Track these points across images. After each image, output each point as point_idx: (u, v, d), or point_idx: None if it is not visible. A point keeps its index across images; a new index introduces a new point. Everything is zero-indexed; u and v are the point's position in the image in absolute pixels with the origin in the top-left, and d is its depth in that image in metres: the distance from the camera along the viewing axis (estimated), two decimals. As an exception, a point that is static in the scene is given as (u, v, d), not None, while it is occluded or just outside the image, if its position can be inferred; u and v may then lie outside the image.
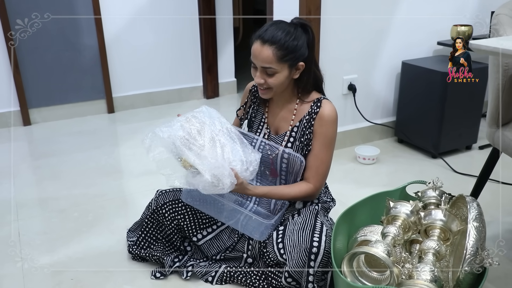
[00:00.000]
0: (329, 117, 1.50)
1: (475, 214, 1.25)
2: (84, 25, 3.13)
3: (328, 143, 1.52)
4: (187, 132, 1.40)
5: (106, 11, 3.15)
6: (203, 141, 1.40)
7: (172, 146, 1.38)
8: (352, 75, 2.54)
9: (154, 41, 3.40)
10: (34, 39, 2.99)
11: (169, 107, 3.51)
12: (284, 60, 1.41)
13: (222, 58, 3.69)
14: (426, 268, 1.19)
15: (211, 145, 1.40)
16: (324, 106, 1.50)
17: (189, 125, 1.42)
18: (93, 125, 3.17)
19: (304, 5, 2.24)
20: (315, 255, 1.37)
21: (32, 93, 3.10)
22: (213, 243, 1.64)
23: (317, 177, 1.53)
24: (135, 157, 2.64)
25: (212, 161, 1.36)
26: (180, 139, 1.37)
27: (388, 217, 1.40)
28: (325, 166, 1.54)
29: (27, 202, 2.14)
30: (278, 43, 1.39)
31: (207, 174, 1.33)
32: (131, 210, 2.04)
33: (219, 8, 3.53)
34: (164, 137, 1.38)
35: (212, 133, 1.43)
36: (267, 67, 1.41)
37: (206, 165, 1.35)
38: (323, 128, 1.50)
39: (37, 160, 2.63)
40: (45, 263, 1.70)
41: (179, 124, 1.42)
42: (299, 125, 1.54)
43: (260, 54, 1.40)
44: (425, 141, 2.56)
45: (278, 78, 1.43)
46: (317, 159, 1.52)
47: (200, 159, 1.36)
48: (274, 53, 1.39)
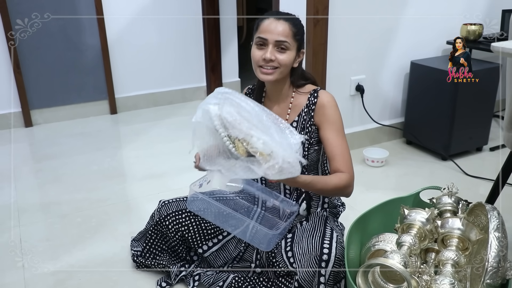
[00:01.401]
0: (330, 103, 1.44)
1: (496, 224, 1.19)
2: (86, 25, 3.08)
3: (339, 128, 1.44)
4: (234, 109, 1.19)
5: (108, 10, 3.10)
6: (253, 120, 1.20)
7: (220, 127, 1.17)
8: (360, 75, 2.49)
9: (157, 41, 3.35)
10: (35, 39, 2.94)
11: (173, 107, 3.46)
12: (296, 39, 1.40)
13: (226, 57, 3.64)
14: (445, 281, 1.14)
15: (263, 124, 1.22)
16: (321, 96, 1.45)
17: (231, 105, 1.20)
18: (95, 126, 3.12)
19: (311, 4, 2.18)
20: (326, 262, 1.32)
21: (33, 94, 3.05)
22: (219, 254, 1.59)
23: (346, 163, 1.41)
24: (138, 159, 2.60)
25: (282, 142, 1.19)
26: (234, 115, 1.17)
27: (403, 225, 1.35)
28: (347, 151, 1.44)
29: (29, 207, 2.09)
30: (292, 21, 1.40)
31: (280, 158, 1.15)
32: (135, 216, 1.99)
33: (223, 8, 3.48)
34: (213, 114, 1.16)
35: (253, 110, 1.24)
36: (283, 40, 1.37)
37: (280, 147, 1.16)
38: (328, 115, 1.43)
39: (39, 162, 2.58)
40: (48, 271, 1.65)
41: (216, 100, 1.20)
42: (298, 119, 1.48)
43: (276, 27, 1.37)
44: (434, 142, 2.51)
45: (289, 56, 1.39)
46: (337, 147, 1.42)
47: (268, 135, 1.17)
48: (290, 28, 1.38)
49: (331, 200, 1.60)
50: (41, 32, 2.94)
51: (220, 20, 3.48)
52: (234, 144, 1.17)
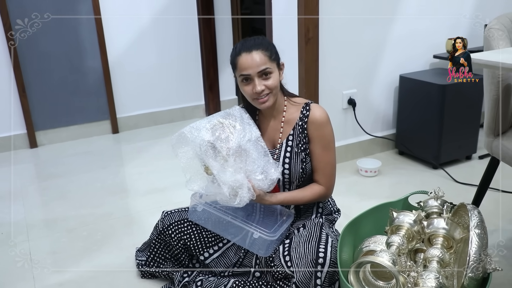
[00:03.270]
0: (322, 119, 1.54)
1: (477, 221, 1.28)
2: (88, 48, 3.21)
3: (327, 144, 1.56)
4: (216, 137, 1.42)
5: (109, 33, 3.23)
6: (229, 150, 1.42)
7: (197, 149, 1.41)
8: (352, 89, 2.60)
9: (156, 62, 3.47)
10: (40, 63, 3.06)
11: (173, 125, 3.57)
12: (273, 59, 1.49)
13: (223, 76, 3.76)
14: (431, 276, 1.22)
15: (237, 154, 1.42)
16: (313, 110, 1.55)
17: (219, 131, 1.44)
18: (98, 146, 3.22)
19: (302, 24, 2.31)
20: (322, 265, 1.40)
21: (38, 116, 3.16)
22: (220, 260, 1.67)
23: (325, 178, 1.58)
24: (140, 176, 2.69)
25: (232, 177, 1.39)
26: (206, 145, 1.40)
27: (392, 227, 1.43)
28: (331, 166, 1.58)
29: (37, 223, 2.18)
30: (262, 46, 1.47)
31: (226, 187, 1.36)
32: (138, 228, 2.08)
33: (219, 28, 3.62)
34: (192, 139, 1.41)
35: (240, 141, 1.45)
36: (264, 68, 1.46)
37: (227, 178, 1.37)
38: (319, 131, 1.55)
39: (45, 181, 2.67)
40: (57, 282, 1.73)
41: (210, 125, 1.45)
42: (294, 133, 1.58)
43: (252, 60, 1.46)
44: (425, 152, 2.61)
45: (274, 78, 1.49)
46: (321, 162, 1.57)
47: (222, 171, 1.38)
48: (264, 53, 1.46)
49: (325, 206, 1.69)
50: (45, 56, 3.07)
51: (216, 40, 3.62)
52: (204, 164, 1.42)
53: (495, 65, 1.24)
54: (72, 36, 3.14)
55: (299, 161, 1.57)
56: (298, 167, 1.57)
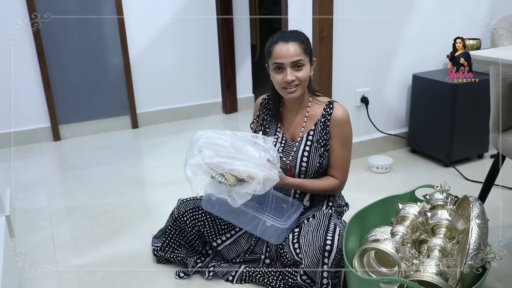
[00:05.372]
0: (344, 117, 1.63)
1: (477, 212, 1.33)
2: (110, 46, 3.33)
3: (346, 142, 1.65)
4: (212, 151, 1.46)
5: (130, 32, 3.35)
6: (230, 151, 1.48)
7: (209, 169, 1.44)
8: (365, 88, 2.65)
9: (175, 60, 3.58)
10: (64, 59, 3.20)
11: (190, 122, 3.66)
12: (307, 53, 1.56)
13: (240, 74, 3.85)
14: (431, 263, 1.27)
15: (236, 150, 1.49)
16: (336, 108, 1.63)
17: (208, 148, 1.48)
18: (118, 140, 3.33)
19: (317, 22, 2.37)
20: (329, 252, 1.47)
21: (62, 110, 3.29)
22: (232, 247, 1.75)
23: (341, 173, 1.67)
24: (158, 168, 2.79)
25: (255, 163, 1.45)
26: (215, 157, 1.44)
27: (397, 218, 1.49)
28: (347, 162, 1.68)
29: (59, 211, 2.29)
30: (299, 39, 1.56)
31: (260, 176, 1.42)
32: (155, 217, 2.17)
33: (237, 28, 3.70)
34: (199, 163, 1.44)
35: (227, 142, 1.51)
36: (297, 59, 1.53)
37: (257, 168, 1.43)
38: (340, 129, 1.63)
39: (67, 172, 2.79)
40: (78, 264, 1.83)
41: (197, 151, 1.49)
42: (315, 128, 1.65)
43: (288, 50, 1.53)
44: (437, 150, 2.64)
45: (305, 71, 1.57)
46: (338, 158, 1.65)
47: (245, 165, 1.43)
48: (300, 46, 1.54)
49: (335, 200, 1.75)
50: (69, 53, 3.20)
51: (234, 39, 3.70)
52: (224, 176, 1.45)
53: (495, 62, 1.28)
54: (96, 34, 3.26)
55: (317, 155, 1.64)
56: (316, 161, 1.64)
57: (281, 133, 1.72)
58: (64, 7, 3.11)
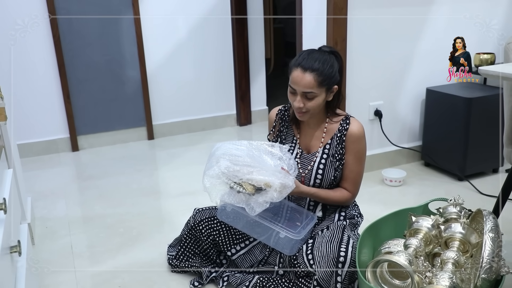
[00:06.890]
0: (360, 133, 1.67)
1: (491, 225, 1.34)
2: (128, 60, 3.41)
3: (361, 156, 1.69)
4: (229, 162, 1.50)
5: (148, 46, 3.43)
6: (247, 160, 1.51)
7: (226, 180, 1.48)
8: (378, 101, 2.67)
9: (191, 74, 3.64)
10: (84, 72, 3.29)
11: (205, 133, 3.72)
12: (323, 85, 1.57)
13: (255, 87, 3.90)
14: (445, 275, 1.28)
15: (255, 160, 1.53)
16: (352, 124, 1.67)
17: (225, 159, 1.52)
18: (134, 151, 3.40)
19: (331, 36, 2.41)
20: (342, 264, 1.49)
21: (80, 121, 3.37)
22: (246, 257, 1.77)
23: (354, 186, 1.71)
24: (173, 179, 2.83)
25: (271, 171, 1.49)
26: (232, 167, 1.48)
27: (411, 231, 1.50)
28: (360, 176, 1.72)
29: (77, 219, 2.34)
30: (318, 71, 1.55)
31: (277, 183, 1.46)
32: (170, 227, 2.21)
33: (252, 41, 3.77)
34: (217, 173, 1.48)
35: (244, 152, 1.55)
36: (308, 91, 1.56)
37: (272, 176, 1.47)
38: (355, 144, 1.67)
39: (85, 181, 2.85)
40: (95, 271, 1.88)
41: (215, 160, 1.54)
42: (331, 142, 1.68)
43: (302, 80, 1.55)
44: (451, 164, 2.64)
45: (317, 101, 1.59)
46: (352, 172, 1.69)
47: (262, 174, 1.47)
48: (315, 79, 1.54)
49: (348, 210, 1.77)
50: (89, 66, 3.29)
51: (249, 53, 3.76)
52: (242, 186, 1.48)
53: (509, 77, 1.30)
54: (115, 48, 3.35)
55: (332, 169, 1.68)
56: (330, 175, 1.68)
57: (297, 145, 1.75)
58: (86, 23, 3.21)
